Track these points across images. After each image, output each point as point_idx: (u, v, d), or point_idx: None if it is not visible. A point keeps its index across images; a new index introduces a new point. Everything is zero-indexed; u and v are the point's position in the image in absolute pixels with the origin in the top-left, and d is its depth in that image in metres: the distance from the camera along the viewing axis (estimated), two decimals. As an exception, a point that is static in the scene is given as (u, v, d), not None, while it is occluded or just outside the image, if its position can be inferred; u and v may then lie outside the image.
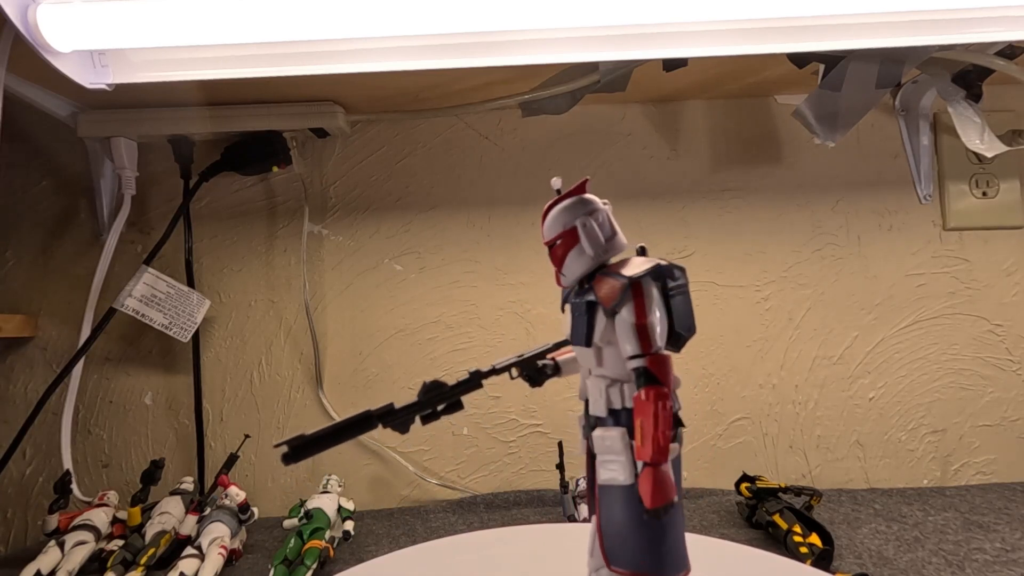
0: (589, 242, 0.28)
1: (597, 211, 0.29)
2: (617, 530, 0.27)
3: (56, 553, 0.53)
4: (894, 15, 0.53)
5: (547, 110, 0.72)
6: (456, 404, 0.32)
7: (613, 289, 0.27)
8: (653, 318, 0.27)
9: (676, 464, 0.27)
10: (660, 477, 0.25)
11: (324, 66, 0.55)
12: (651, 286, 0.27)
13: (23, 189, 0.77)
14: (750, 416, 0.78)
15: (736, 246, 0.79)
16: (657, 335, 0.27)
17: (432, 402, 0.32)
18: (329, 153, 0.80)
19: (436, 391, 0.31)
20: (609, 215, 0.29)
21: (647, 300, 0.27)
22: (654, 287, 0.28)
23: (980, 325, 0.78)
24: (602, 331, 0.28)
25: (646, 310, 0.27)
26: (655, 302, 0.27)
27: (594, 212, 0.29)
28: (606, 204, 0.30)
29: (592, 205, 0.29)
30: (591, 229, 0.28)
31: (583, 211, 0.29)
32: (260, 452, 0.76)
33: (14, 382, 0.75)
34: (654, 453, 0.25)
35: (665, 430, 0.25)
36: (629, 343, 0.27)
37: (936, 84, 0.67)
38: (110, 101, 0.67)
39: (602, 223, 0.29)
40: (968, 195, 0.79)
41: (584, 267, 0.29)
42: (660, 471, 0.25)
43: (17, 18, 0.46)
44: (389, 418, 0.31)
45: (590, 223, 0.28)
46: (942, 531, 0.57)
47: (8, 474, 0.70)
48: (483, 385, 0.32)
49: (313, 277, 0.78)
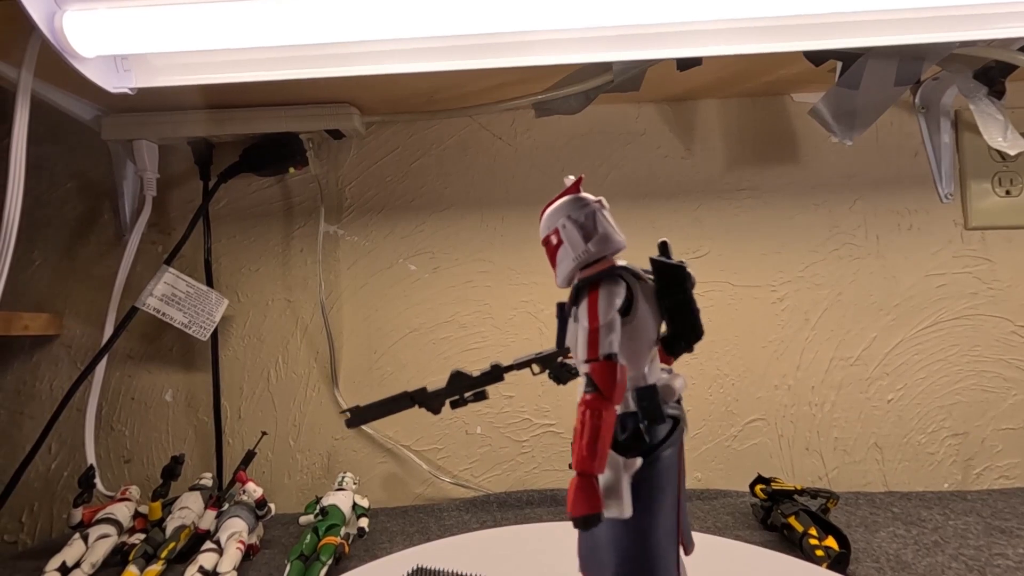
0: (569, 242, 0.28)
1: (582, 210, 0.28)
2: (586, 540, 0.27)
3: (80, 546, 0.55)
4: (913, 11, 0.52)
5: (561, 110, 0.72)
6: (482, 394, 0.34)
7: (571, 291, 0.28)
8: (604, 322, 0.26)
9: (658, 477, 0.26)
10: (582, 486, 0.24)
11: (340, 68, 0.56)
12: (612, 288, 0.26)
13: (49, 191, 0.79)
14: (765, 417, 0.77)
15: (751, 246, 0.78)
16: (607, 340, 0.25)
17: (459, 389, 0.33)
18: (345, 154, 0.81)
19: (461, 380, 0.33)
20: (596, 214, 0.28)
21: (601, 303, 0.26)
22: (619, 288, 0.26)
23: (1003, 326, 0.76)
24: (573, 334, 0.27)
25: (597, 313, 0.26)
26: (611, 305, 0.26)
27: (579, 211, 0.28)
28: (599, 202, 0.28)
29: (577, 204, 0.28)
30: (570, 229, 0.28)
31: (568, 211, 0.28)
32: (277, 449, 0.77)
33: (40, 379, 0.77)
34: (576, 462, 0.24)
35: (591, 440, 0.24)
36: (580, 348, 0.26)
37: (957, 81, 0.66)
38: (132, 105, 0.68)
39: (583, 222, 0.28)
40: (991, 194, 0.77)
41: (568, 267, 0.28)
42: (584, 480, 0.24)
43: (44, 24, 0.47)
44: (422, 398, 0.34)
45: (569, 223, 0.28)
46: (963, 536, 0.56)
47: (34, 468, 0.72)
48: (504, 378, 0.34)
49: (329, 277, 0.79)
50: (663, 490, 0.27)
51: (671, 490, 0.27)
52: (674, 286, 0.28)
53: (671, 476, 0.27)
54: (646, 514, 0.26)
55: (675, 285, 0.28)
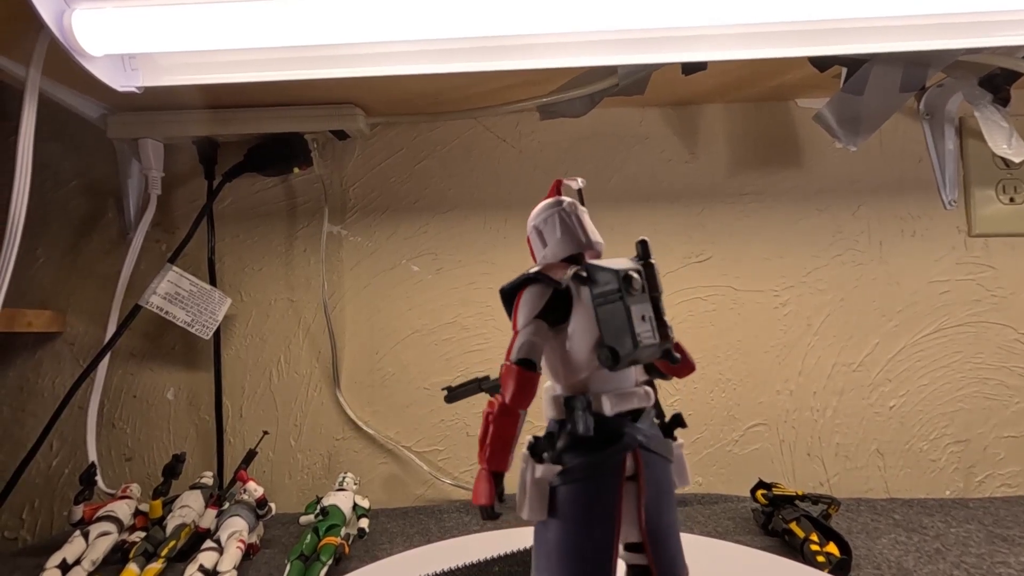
0: (535, 248, 0.29)
1: (543, 215, 0.29)
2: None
3: (81, 543, 0.55)
4: (919, 18, 0.52)
5: (565, 113, 0.72)
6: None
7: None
8: (520, 327, 0.26)
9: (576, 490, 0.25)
10: (479, 478, 0.25)
11: (345, 69, 0.56)
12: (531, 293, 0.27)
13: (53, 189, 0.80)
14: (767, 422, 0.77)
15: (754, 250, 0.78)
16: (520, 345, 0.26)
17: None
18: (349, 155, 0.81)
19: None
20: (554, 217, 0.28)
21: (520, 308, 0.27)
22: (538, 293, 0.27)
23: (1006, 334, 0.76)
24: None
25: (517, 318, 0.27)
26: (531, 310, 0.26)
27: (541, 216, 0.29)
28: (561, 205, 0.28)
29: (541, 210, 0.29)
30: (534, 236, 0.29)
31: (534, 218, 0.29)
32: (278, 449, 0.77)
33: (42, 376, 0.77)
34: (478, 455, 0.26)
35: (482, 438, 0.25)
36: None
37: (962, 88, 0.66)
38: (138, 104, 0.68)
39: (543, 228, 0.28)
40: (995, 201, 0.77)
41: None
42: (482, 473, 0.25)
43: (53, 23, 0.48)
44: (488, 385, 0.37)
45: (533, 230, 0.29)
46: (964, 543, 0.56)
47: (35, 465, 0.72)
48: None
49: (332, 277, 0.79)
50: (583, 505, 0.25)
51: (602, 510, 0.25)
52: (609, 289, 0.25)
53: (597, 495, 0.25)
54: (560, 523, 0.25)
55: (609, 288, 0.25)
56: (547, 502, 0.26)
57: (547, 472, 0.26)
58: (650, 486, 0.26)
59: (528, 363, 0.26)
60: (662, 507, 0.26)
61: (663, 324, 0.25)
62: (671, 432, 0.28)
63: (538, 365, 0.26)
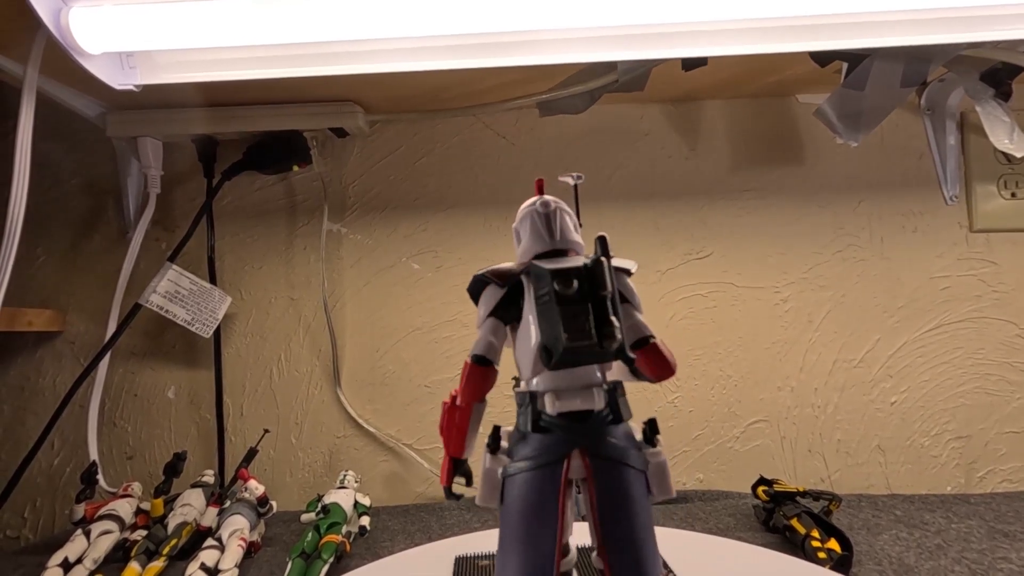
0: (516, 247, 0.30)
1: (519, 216, 0.30)
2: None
3: (82, 542, 0.55)
4: (920, 12, 0.52)
5: (565, 110, 0.72)
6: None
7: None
8: (477, 325, 0.28)
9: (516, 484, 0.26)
10: (442, 463, 0.28)
11: (344, 67, 0.56)
12: (486, 293, 0.28)
13: (53, 188, 0.79)
14: (768, 419, 0.77)
15: (755, 247, 0.78)
16: (477, 342, 0.28)
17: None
18: (348, 153, 0.81)
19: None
20: (529, 218, 0.29)
21: (479, 307, 0.28)
22: (489, 293, 0.28)
23: (1008, 329, 0.76)
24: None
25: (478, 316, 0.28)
26: (485, 309, 0.28)
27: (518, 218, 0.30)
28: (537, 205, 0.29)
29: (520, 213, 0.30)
30: (515, 236, 0.30)
31: (516, 217, 0.30)
32: (279, 447, 0.77)
33: (43, 375, 0.77)
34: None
35: (440, 426, 0.28)
36: None
37: (963, 83, 0.66)
38: (137, 102, 0.68)
39: (520, 228, 0.30)
40: (996, 196, 0.77)
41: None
42: (444, 459, 0.28)
43: (50, 21, 0.47)
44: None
45: (514, 231, 0.30)
46: (966, 539, 0.55)
47: (37, 464, 0.72)
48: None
49: (332, 275, 0.79)
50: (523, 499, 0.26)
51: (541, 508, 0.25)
52: (545, 289, 0.25)
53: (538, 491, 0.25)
54: (506, 514, 0.26)
55: (544, 287, 0.25)
56: (499, 491, 0.26)
57: (495, 463, 0.27)
58: (601, 492, 0.25)
59: (482, 359, 0.27)
60: (620, 514, 0.25)
61: (606, 324, 0.23)
62: (651, 439, 0.27)
63: (493, 361, 0.28)
